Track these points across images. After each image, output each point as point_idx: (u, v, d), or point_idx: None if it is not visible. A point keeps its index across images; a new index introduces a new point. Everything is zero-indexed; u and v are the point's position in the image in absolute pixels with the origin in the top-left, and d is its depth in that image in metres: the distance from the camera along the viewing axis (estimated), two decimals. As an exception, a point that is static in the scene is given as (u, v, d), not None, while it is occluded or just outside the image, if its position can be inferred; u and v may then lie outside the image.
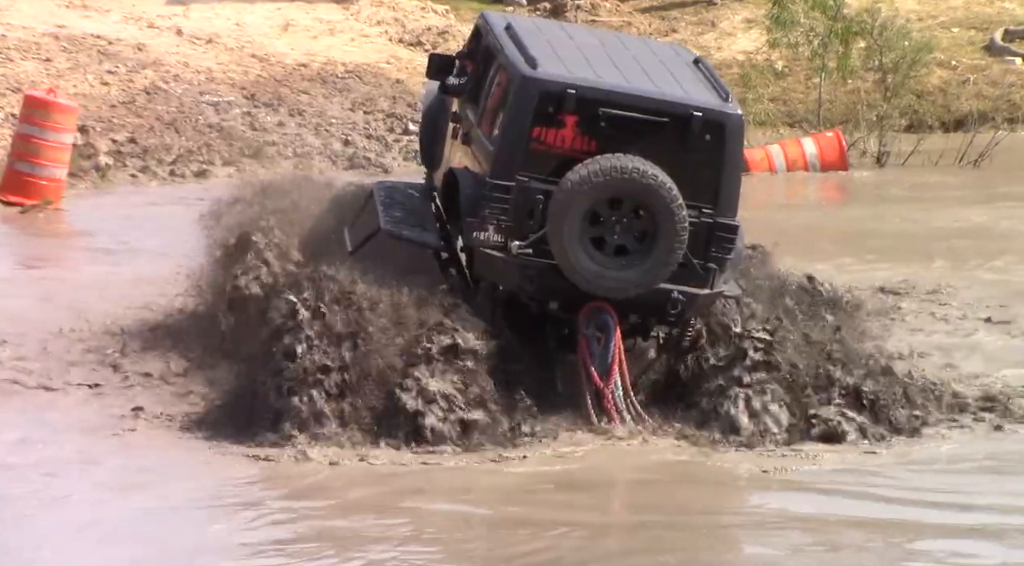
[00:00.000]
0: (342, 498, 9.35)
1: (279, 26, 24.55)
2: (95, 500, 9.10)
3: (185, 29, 23.56)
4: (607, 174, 10.35)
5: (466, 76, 11.64)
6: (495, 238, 10.45)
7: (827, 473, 10.11)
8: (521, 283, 10.56)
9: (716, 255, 10.58)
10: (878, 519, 9.32)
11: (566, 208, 10.36)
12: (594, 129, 10.51)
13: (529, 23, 11.85)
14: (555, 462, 10.03)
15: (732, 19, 25.90)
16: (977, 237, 16.98)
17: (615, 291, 10.47)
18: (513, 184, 10.47)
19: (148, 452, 9.85)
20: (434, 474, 9.74)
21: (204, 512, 9.07)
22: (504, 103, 10.65)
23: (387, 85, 22.58)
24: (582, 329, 10.50)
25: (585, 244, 10.41)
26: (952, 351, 12.48)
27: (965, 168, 20.79)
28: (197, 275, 11.98)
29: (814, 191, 20.37)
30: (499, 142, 10.55)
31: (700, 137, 10.53)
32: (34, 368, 11.08)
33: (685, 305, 10.54)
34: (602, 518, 9.48)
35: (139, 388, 10.87)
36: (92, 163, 18.50)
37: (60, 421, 10.26)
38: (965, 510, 9.51)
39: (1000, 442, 10.71)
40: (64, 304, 12.62)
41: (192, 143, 19.67)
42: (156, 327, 11.91)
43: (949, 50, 24.40)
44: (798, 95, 23.92)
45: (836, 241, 16.80)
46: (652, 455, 10.23)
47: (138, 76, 21.16)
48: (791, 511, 9.55)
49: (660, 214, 10.38)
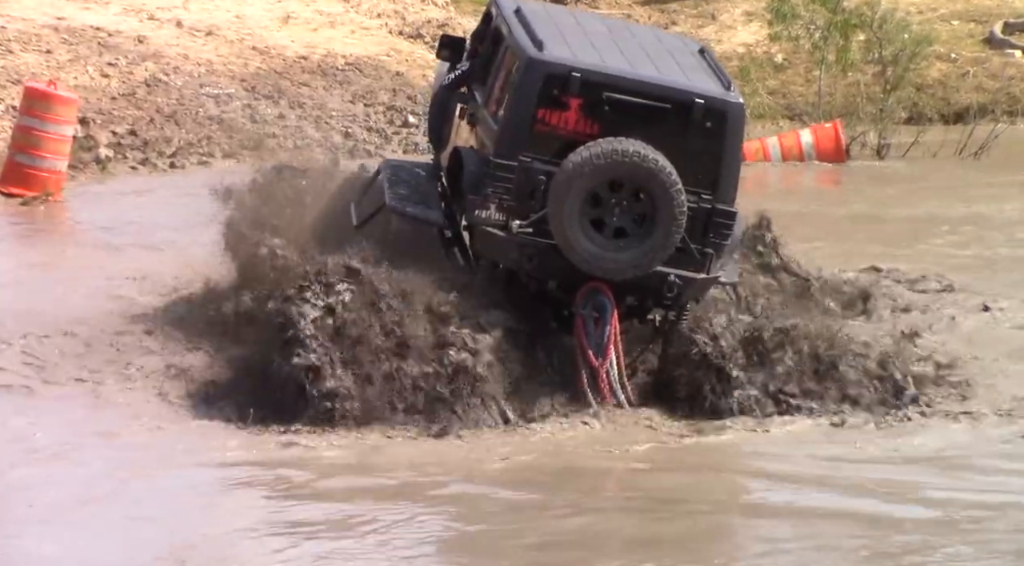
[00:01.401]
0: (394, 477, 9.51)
1: (279, 18, 24.55)
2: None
3: (185, 21, 23.52)
4: (608, 157, 10.45)
5: (471, 63, 11.82)
6: (497, 216, 10.58)
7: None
8: (520, 261, 10.68)
9: (714, 240, 10.71)
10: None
11: (567, 189, 10.48)
12: (597, 113, 10.62)
13: (539, 7, 11.95)
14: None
15: (732, 12, 26.00)
16: (974, 224, 17.06)
17: (613, 272, 10.58)
18: (516, 164, 10.60)
19: (180, 436, 9.95)
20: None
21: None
22: (510, 84, 10.77)
23: (387, 78, 22.61)
24: (579, 309, 10.62)
25: (585, 225, 10.53)
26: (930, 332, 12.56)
27: (965, 160, 20.86)
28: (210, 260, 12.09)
29: (809, 180, 20.41)
30: (504, 122, 10.67)
31: (701, 124, 10.63)
32: (45, 362, 11.11)
33: (681, 289, 10.68)
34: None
35: (152, 376, 10.91)
36: (92, 155, 18.53)
37: (71, 418, 10.29)
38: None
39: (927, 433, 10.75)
40: (71, 296, 12.68)
41: (192, 135, 19.70)
42: (166, 316, 11.98)
43: (949, 43, 24.52)
44: (798, 88, 24.03)
45: (822, 226, 16.87)
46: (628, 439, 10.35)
47: (138, 68, 21.16)
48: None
49: (659, 198, 10.48)
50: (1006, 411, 10.98)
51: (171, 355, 11.10)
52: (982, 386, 11.40)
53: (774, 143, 20.97)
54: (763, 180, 19.85)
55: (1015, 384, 11.49)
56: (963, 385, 11.37)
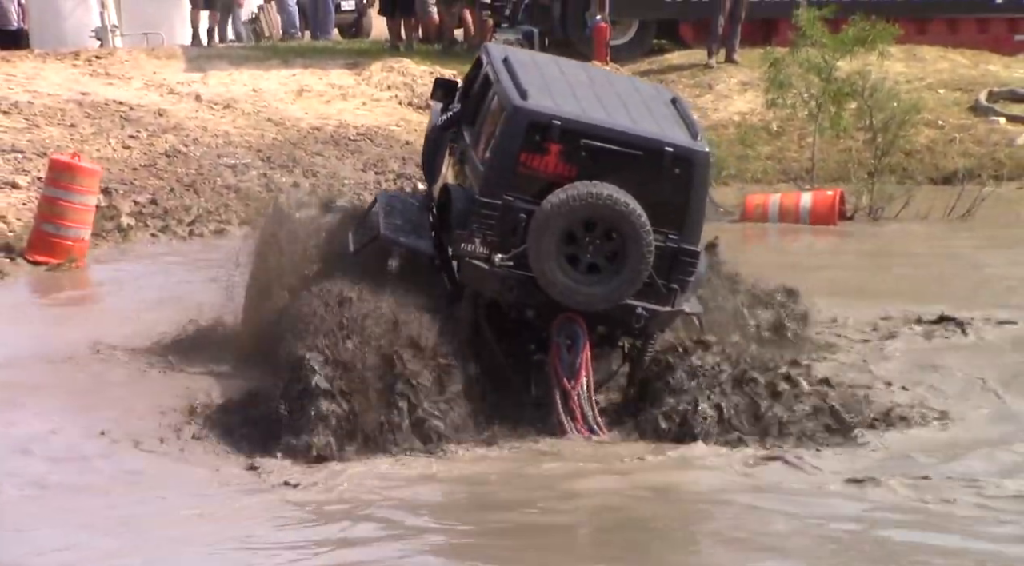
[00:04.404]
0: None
1: (294, 91, 25.07)
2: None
3: (204, 95, 24.12)
4: (584, 200, 11.28)
5: (462, 106, 12.69)
6: (481, 250, 11.41)
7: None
8: (502, 292, 11.52)
9: (679, 277, 11.57)
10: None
11: (545, 227, 11.32)
12: (575, 158, 11.45)
13: (526, 56, 12.77)
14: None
15: (728, 82, 26.38)
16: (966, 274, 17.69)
17: (585, 304, 11.42)
18: (500, 203, 11.43)
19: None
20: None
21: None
22: (496, 129, 11.63)
23: (397, 147, 23.15)
24: (554, 336, 11.48)
25: (561, 261, 11.36)
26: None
27: (954, 221, 21.17)
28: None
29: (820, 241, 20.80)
30: (489, 164, 11.53)
31: (670, 170, 11.47)
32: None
33: (648, 320, 11.52)
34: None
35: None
36: (115, 224, 19.02)
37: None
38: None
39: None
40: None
41: (210, 204, 20.19)
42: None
43: (936, 110, 24.96)
44: (792, 153, 24.42)
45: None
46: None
47: (159, 140, 21.73)
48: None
49: (629, 238, 11.32)
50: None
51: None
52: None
53: (775, 200, 21.48)
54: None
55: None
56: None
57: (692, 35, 28.23)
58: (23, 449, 11.01)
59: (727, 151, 22.97)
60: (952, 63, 26.97)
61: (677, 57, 27.72)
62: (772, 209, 21.20)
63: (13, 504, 10.06)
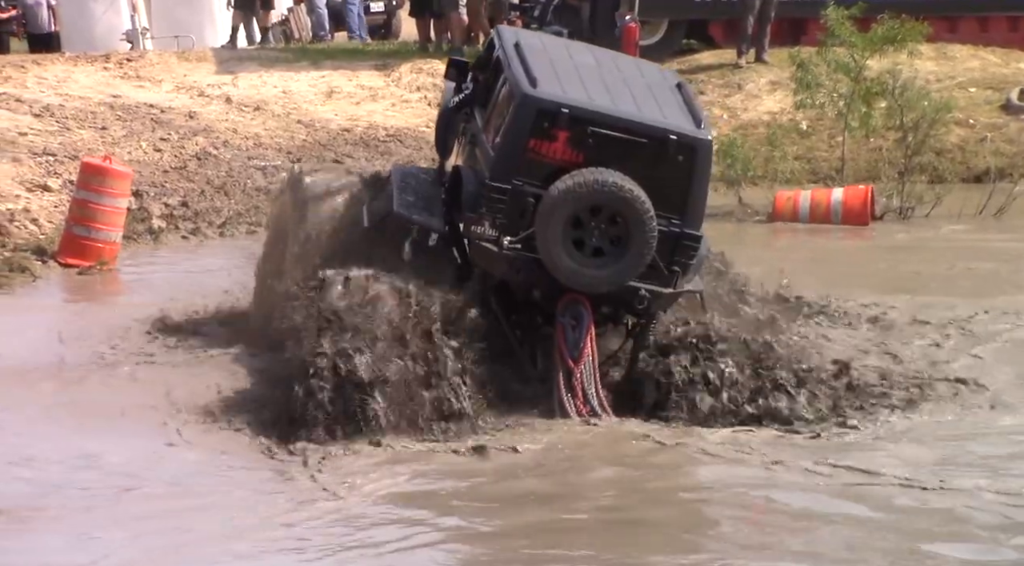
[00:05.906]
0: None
1: (323, 93, 25.27)
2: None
3: (234, 97, 24.33)
4: (590, 186, 11.57)
5: (474, 87, 12.89)
6: (490, 233, 11.72)
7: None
8: (509, 273, 11.83)
9: (681, 260, 11.89)
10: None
11: (552, 212, 11.59)
12: (582, 144, 11.72)
13: (536, 41, 12.96)
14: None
15: (758, 82, 26.46)
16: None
17: (590, 287, 11.73)
18: (508, 187, 11.69)
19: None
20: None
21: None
22: (506, 114, 11.89)
23: (427, 148, 22.95)
24: (559, 317, 11.74)
25: (567, 244, 11.63)
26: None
27: (987, 219, 21.13)
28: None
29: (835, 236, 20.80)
30: (499, 149, 11.81)
31: (674, 157, 11.74)
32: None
33: (651, 301, 11.85)
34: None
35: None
36: (146, 226, 19.16)
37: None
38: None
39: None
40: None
41: (241, 206, 20.34)
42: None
43: (967, 109, 24.92)
44: (822, 153, 24.46)
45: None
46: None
47: (189, 142, 21.91)
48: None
49: (633, 223, 11.59)
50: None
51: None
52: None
53: (806, 196, 21.43)
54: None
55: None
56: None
57: (721, 35, 28.27)
58: (72, 455, 10.98)
59: (755, 152, 22.89)
60: (983, 61, 26.93)
61: (707, 57, 27.78)
62: (803, 204, 21.15)
63: (67, 509, 10.04)
